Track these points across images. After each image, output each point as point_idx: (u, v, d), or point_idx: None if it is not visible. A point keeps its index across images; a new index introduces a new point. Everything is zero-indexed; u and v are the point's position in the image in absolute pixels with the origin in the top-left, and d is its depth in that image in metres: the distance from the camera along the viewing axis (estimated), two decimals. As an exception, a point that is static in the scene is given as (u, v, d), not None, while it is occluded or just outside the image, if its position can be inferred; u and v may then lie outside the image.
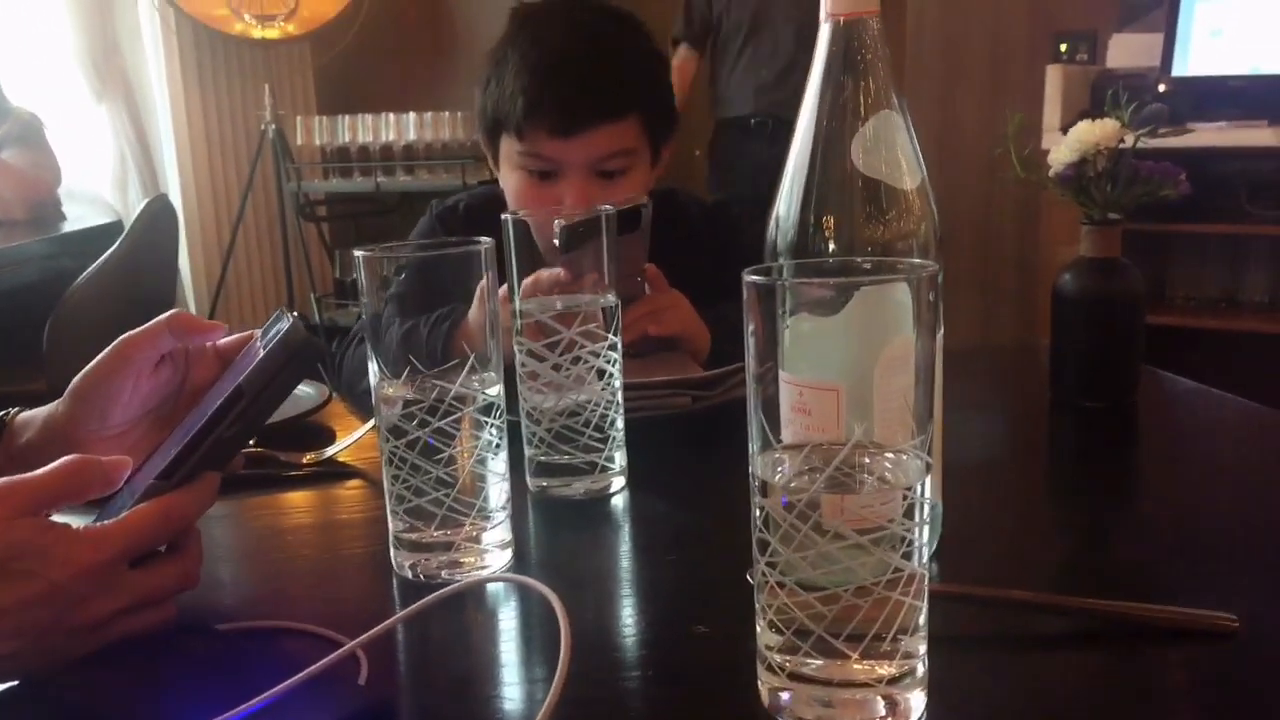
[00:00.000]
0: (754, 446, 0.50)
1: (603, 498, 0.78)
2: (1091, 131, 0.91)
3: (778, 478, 0.49)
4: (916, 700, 0.48)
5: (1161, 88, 2.77)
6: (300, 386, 1.03)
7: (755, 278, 0.49)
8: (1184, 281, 2.85)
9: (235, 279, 3.48)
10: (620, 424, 0.80)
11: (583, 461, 0.78)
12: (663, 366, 0.98)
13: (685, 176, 3.40)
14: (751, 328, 0.50)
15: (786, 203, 0.65)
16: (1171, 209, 2.43)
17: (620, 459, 0.80)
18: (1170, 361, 1.08)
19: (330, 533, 0.79)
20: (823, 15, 0.63)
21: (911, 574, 0.48)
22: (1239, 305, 2.77)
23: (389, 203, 3.50)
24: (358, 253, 0.64)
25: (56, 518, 0.54)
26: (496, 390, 0.66)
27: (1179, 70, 2.76)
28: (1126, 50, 2.91)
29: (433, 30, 3.79)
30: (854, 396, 0.51)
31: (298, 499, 0.83)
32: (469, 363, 0.64)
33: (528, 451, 0.79)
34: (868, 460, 0.51)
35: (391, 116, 3.44)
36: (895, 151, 0.64)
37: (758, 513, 0.49)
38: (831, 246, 0.64)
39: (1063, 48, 3.02)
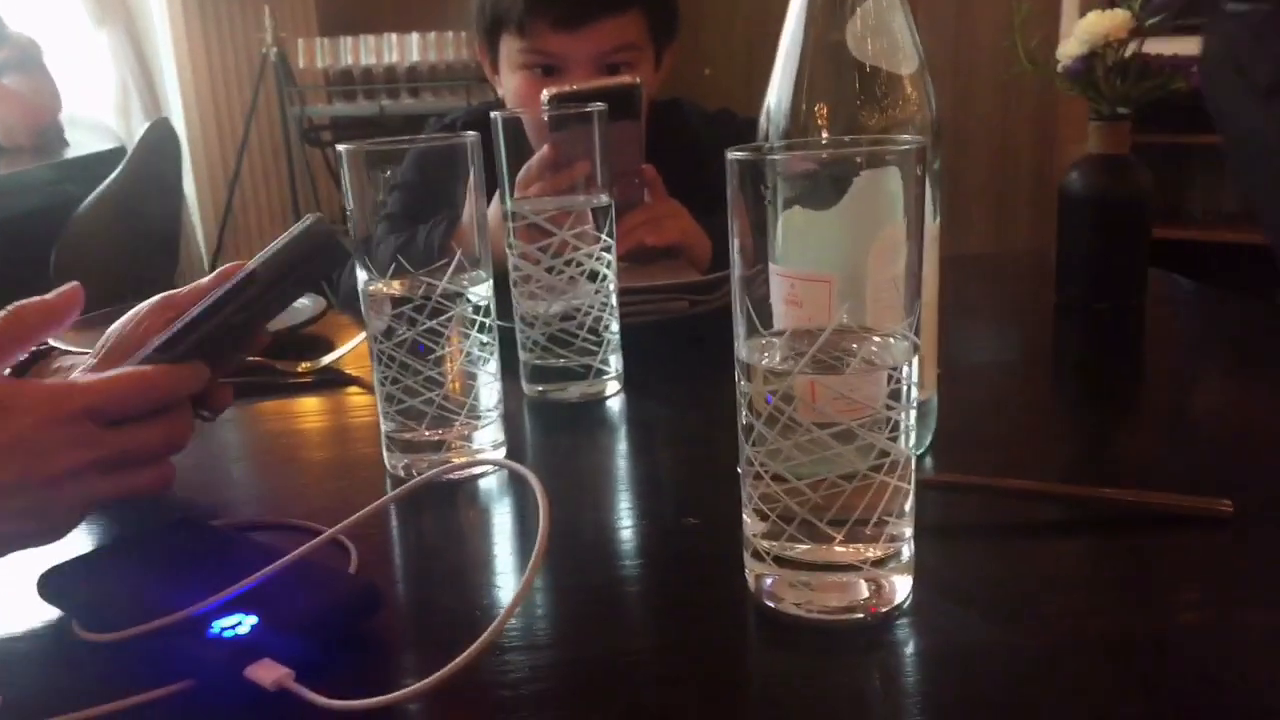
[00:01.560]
0: (740, 331, 0.49)
1: (598, 401, 0.78)
2: (1100, 23, 0.88)
3: (763, 361, 0.49)
4: (901, 584, 0.48)
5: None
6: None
7: (739, 155, 0.47)
8: (1203, 194, 2.80)
9: (241, 204, 3.46)
10: (615, 328, 0.79)
11: (578, 365, 0.77)
12: (661, 273, 0.97)
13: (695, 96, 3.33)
14: (738, 211, 0.49)
15: (777, 92, 0.63)
16: (1190, 118, 2.36)
17: (615, 363, 0.79)
18: (1187, 275, 1.06)
19: (325, 436, 0.79)
20: (815, -108, 0.60)
21: (897, 458, 0.47)
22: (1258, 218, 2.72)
23: (394, 126, 3.46)
24: (341, 147, 0.63)
25: None
26: (485, 289, 0.65)
27: (1202, -26, 2.67)
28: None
29: (433, -53, 3.70)
30: (846, 287, 0.50)
31: (294, 405, 0.83)
32: (455, 260, 0.63)
33: (522, 356, 0.79)
34: (855, 345, 0.50)
35: (394, 37, 3.38)
36: (892, 35, 0.61)
37: (742, 399, 0.49)
38: (825, 136, 0.62)
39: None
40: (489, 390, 0.66)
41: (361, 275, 0.65)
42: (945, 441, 0.65)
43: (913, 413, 0.48)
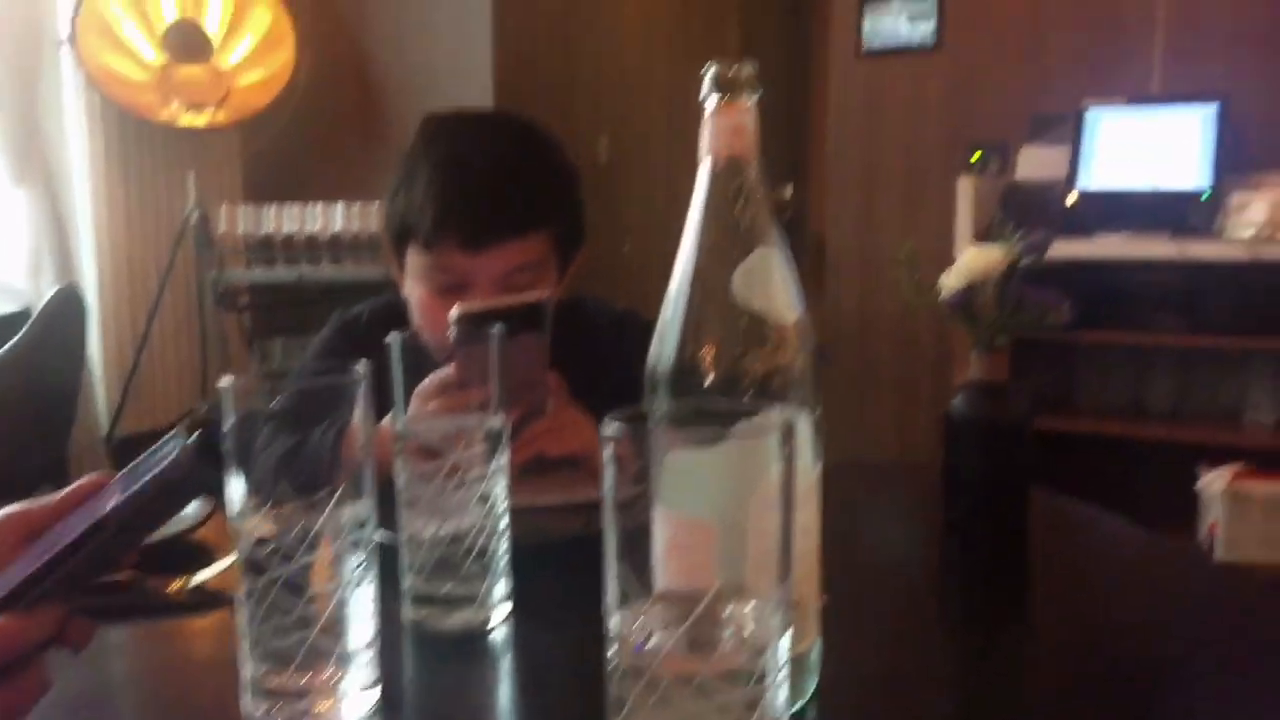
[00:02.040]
0: (611, 598, 0.49)
1: (484, 630, 0.76)
2: (978, 259, 0.94)
3: (632, 633, 0.48)
4: None
5: (1069, 200, 2.88)
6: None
7: (612, 431, 0.48)
8: (1091, 388, 2.93)
9: (150, 369, 3.39)
10: (506, 551, 0.78)
11: (463, 592, 0.75)
12: (558, 486, 0.96)
13: (612, 278, 3.44)
14: (614, 473, 0.50)
15: (667, 335, 0.65)
16: (1079, 318, 2.52)
17: (504, 588, 0.78)
18: (1078, 467, 1.09)
19: (189, 672, 0.74)
20: (701, 152, 0.64)
21: (767, 736, 0.46)
22: (1144, 413, 2.85)
23: (313, 293, 3.46)
24: (223, 383, 0.62)
25: None
26: (366, 522, 0.63)
27: (1084, 183, 2.88)
28: (1036, 162, 3.03)
29: (365, 121, 3.81)
30: (729, 534, 0.51)
31: (162, 631, 0.79)
32: (337, 492, 0.62)
33: (405, 580, 0.77)
34: (730, 609, 0.50)
35: (318, 206, 3.43)
36: (773, 287, 0.64)
37: (610, 669, 0.48)
38: (710, 380, 0.63)
39: (975, 156, 3.13)
40: (362, 628, 0.63)
41: (236, 494, 0.63)
42: (830, 688, 0.64)
43: (784, 688, 0.48)
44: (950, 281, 0.96)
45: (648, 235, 3.95)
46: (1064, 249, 2.49)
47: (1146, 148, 2.88)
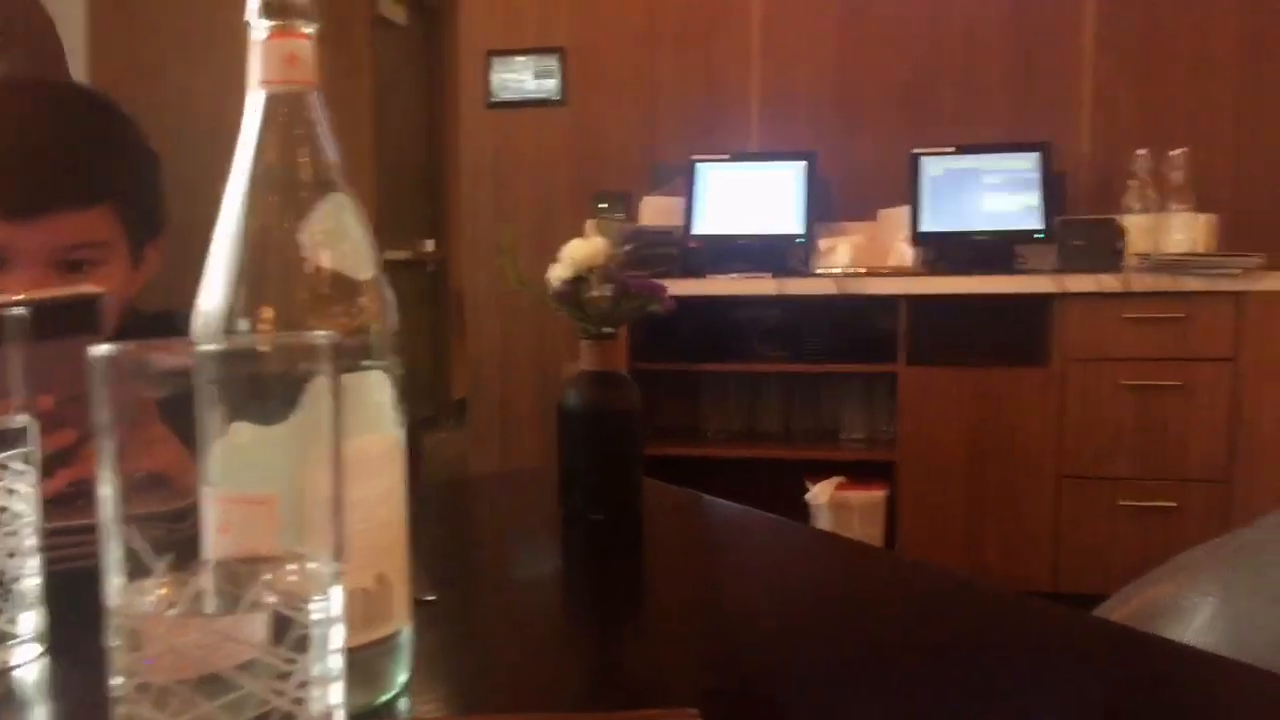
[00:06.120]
0: (115, 578, 0.40)
1: (6, 673, 0.61)
2: (583, 249, 0.93)
3: (132, 613, 0.39)
4: None
5: (692, 243, 3.08)
6: None
7: (99, 352, 0.40)
8: (715, 416, 3.12)
9: None
10: (35, 580, 0.64)
11: (-27, 631, 0.61)
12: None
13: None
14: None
15: (214, 296, 0.56)
16: (699, 350, 2.68)
17: (33, 622, 0.64)
18: (703, 489, 1.11)
19: None
20: (250, 84, 0.57)
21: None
22: (758, 435, 3.08)
23: None
24: None
25: None
26: None
27: (699, 229, 3.09)
28: (656, 210, 3.22)
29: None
30: (292, 508, 0.44)
31: None
32: None
33: (-107, 625, 0.61)
34: (269, 576, 0.42)
35: None
36: (347, 240, 0.58)
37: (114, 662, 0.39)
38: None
39: (602, 206, 3.27)
40: None
41: None
42: (426, 675, 0.58)
43: (332, 659, 0.41)
44: (557, 272, 0.95)
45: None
46: (684, 288, 2.65)
47: (750, 198, 3.15)
